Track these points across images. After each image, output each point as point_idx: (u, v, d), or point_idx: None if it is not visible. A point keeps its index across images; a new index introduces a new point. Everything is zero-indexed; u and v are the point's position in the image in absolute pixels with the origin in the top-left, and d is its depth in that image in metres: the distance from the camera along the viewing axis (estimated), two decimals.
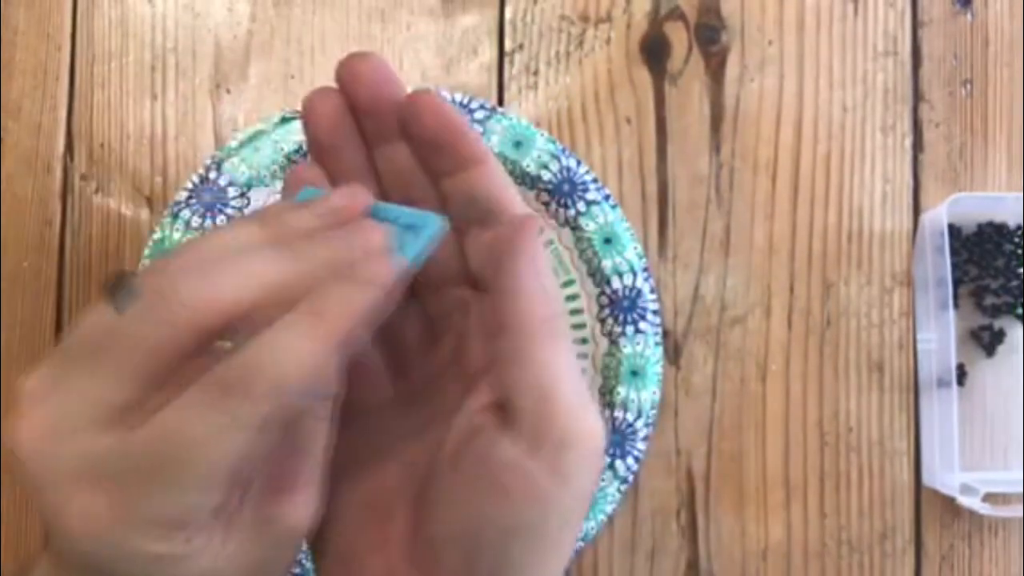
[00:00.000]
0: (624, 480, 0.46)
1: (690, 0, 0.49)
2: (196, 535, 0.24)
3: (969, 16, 0.49)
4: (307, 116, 0.28)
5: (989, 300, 0.48)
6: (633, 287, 0.46)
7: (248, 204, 0.45)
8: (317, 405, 0.27)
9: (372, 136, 0.29)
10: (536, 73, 0.48)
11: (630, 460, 0.46)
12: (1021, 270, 0.48)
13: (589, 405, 0.25)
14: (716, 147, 0.48)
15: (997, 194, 0.48)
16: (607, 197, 0.46)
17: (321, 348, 0.24)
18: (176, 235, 0.45)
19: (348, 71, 0.28)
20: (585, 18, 0.49)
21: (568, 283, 0.47)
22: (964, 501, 0.45)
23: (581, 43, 0.48)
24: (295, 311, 0.24)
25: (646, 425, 0.46)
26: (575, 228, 0.46)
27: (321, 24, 0.48)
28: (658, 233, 0.48)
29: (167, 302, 0.23)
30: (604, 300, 0.46)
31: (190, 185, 0.45)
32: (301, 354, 0.24)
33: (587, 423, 0.25)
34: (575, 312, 0.47)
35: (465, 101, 0.46)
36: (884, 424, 0.48)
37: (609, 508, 0.46)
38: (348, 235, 0.26)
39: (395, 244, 0.26)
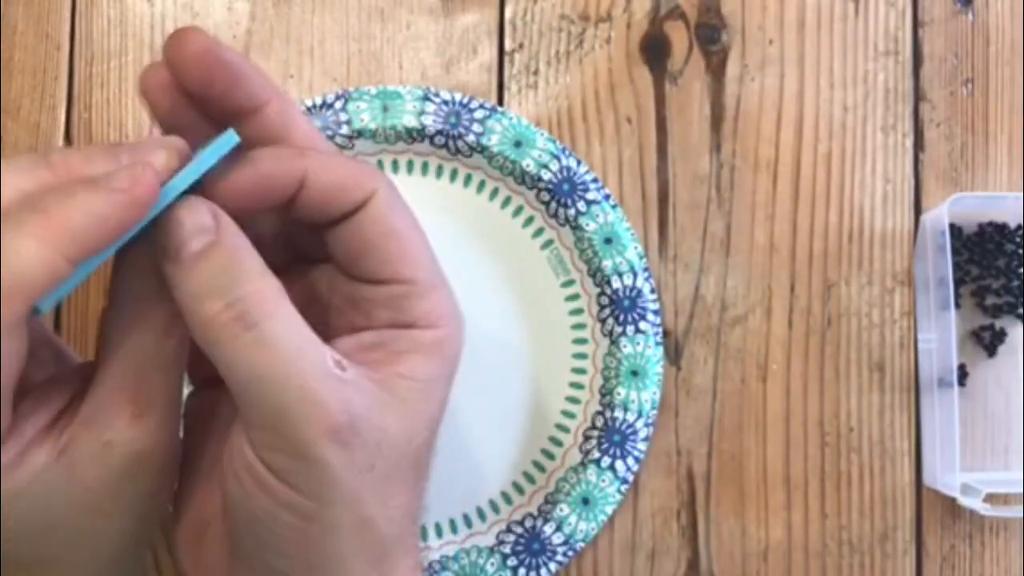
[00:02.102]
0: (624, 480, 0.46)
1: None
2: None
3: (970, 16, 0.49)
4: (143, 97, 0.28)
5: (990, 300, 0.48)
6: (633, 287, 0.46)
7: None
8: (160, 322, 0.26)
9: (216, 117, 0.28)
10: (536, 73, 0.48)
11: (630, 460, 0.46)
12: (1022, 270, 0.48)
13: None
14: (717, 147, 0.48)
15: (998, 194, 0.48)
16: (607, 197, 0.46)
17: (49, 249, 0.23)
18: None
19: (171, 53, 0.27)
20: (585, 17, 0.48)
21: (568, 283, 0.47)
22: (965, 502, 0.45)
23: (581, 43, 0.48)
24: (21, 210, 0.23)
25: (646, 425, 0.46)
26: (575, 228, 0.46)
27: (321, 24, 0.48)
28: (658, 233, 0.48)
29: None
30: (604, 300, 0.46)
31: None
32: (25, 253, 0.23)
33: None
34: (575, 312, 0.47)
35: (465, 101, 0.46)
36: (885, 424, 0.47)
37: (609, 509, 0.46)
38: (117, 153, 0.26)
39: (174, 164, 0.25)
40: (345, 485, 0.25)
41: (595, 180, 0.46)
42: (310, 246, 0.30)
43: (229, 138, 0.26)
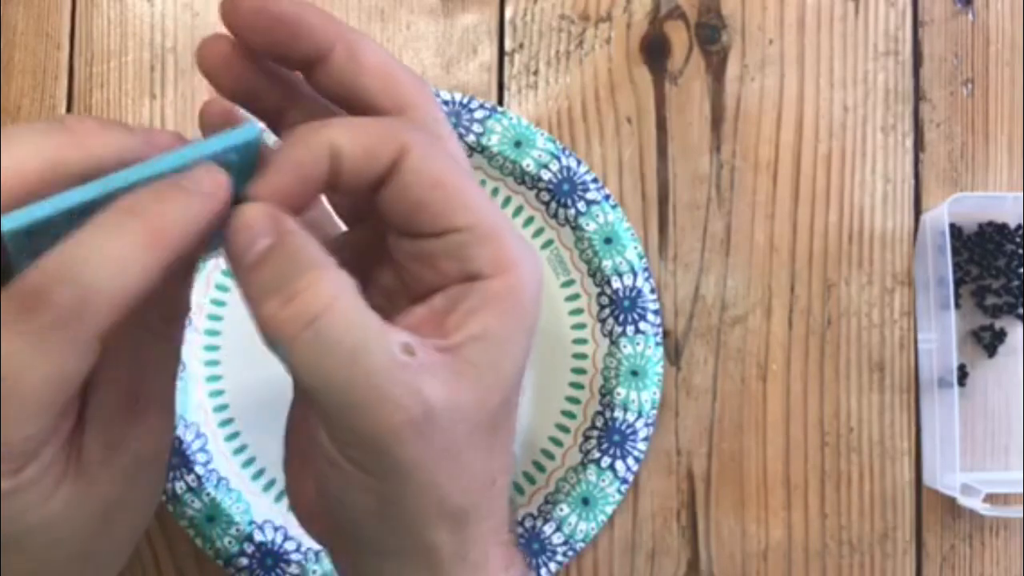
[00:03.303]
0: (624, 481, 0.46)
1: None
2: (26, 467, 0.23)
3: (970, 16, 0.49)
4: (203, 74, 0.27)
5: (990, 300, 0.48)
6: (633, 287, 0.46)
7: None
8: (158, 324, 0.26)
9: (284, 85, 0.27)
10: (536, 73, 0.48)
11: (630, 460, 0.46)
12: (1022, 270, 0.48)
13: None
14: (717, 147, 0.48)
15: (998, 194, 0.48)
16: (607, 197, 0.46)
17: (143, 253, 0.22)
18: None
19: (228, 19, 0.26)
20: (585, 17, 0.48)
21: (568, 283, 0.47)
22: (965, 502, 0.45)
23: (581, 43, 0.48)
24: (110, 210, 0.23)
25: (646, 425, 0.46)
26: (575, 228, 0.46)
27: None
28: (658, 233, 0.48)
29: None
30: (604, 300, 0.46)
31: None
32: (118, 257, 0.22)
33: None
34: (575, 312, 0.47)
35: (465, 101, 0.46)
36: (885, 424, 0.47)
37: (609, 509, 0.45)
38: (129, 129, 0.25)
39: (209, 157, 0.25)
40: (422, 471, 0.25)
41: (595, 180, 0.46)
42: (372, 214, 0.28)
43: (249, 129, 0.25)
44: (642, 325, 0.46)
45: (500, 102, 0.48)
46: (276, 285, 0.24)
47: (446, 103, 0.46)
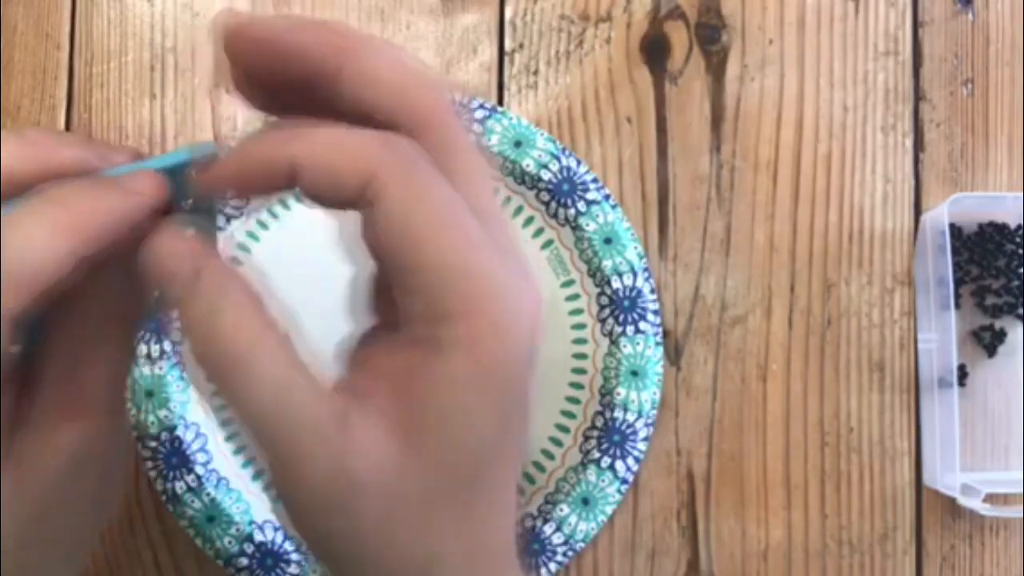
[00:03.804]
0: (624, 481, 0.46)
1: None
2: None
3: (970, 16, 0.49)
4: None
5: (990, 300, 0.48)
6: (633, 287, 0.46)
7: (247, 204, 0.45)
8: (105, 325, 0.25)
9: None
10: (536, 73, 0.48)
11: (630, 460, 0.46)
12: (1022, 270, 0.48)
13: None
14: (717, 146, 0.48)
15: (998, 194, 0.48)
16: (607, 197, 0.46)
17: (57, 239, 0.22)
18: None
19: (224, 48, 0.25)
20: (585, 17, 0.48)
21: (568, 283, 0.47)
22: (965, 502, 0.45)
23: (581, 43, 0.48)
24: (35, 197, 0.23)
25: (646, 425, 0.46)
26: (575, 228, 0.46)
27: None
28: (658, 233, 0.48)
29: None
30: (604, 300, 0.46)
31: None
32: (30, 240, 0.22)
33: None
34: (575, 312, 0.47)
35: (465, 101, 0.46)
36: (885, 424, 0.47)
37: (609, 509, 0.45)
38: (89, 143, 0.25)
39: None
40: (362, 541, 0.23)
41: (595, 180, 0.46)
42: None
43: (206, 145, 0.25)
44: (642, 325, 0.46)
45: (500, 102, 0.48)
46: (200, 328, 0.23)
47: None
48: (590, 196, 0.46)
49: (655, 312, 0.46)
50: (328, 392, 0.23)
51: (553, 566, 0.45)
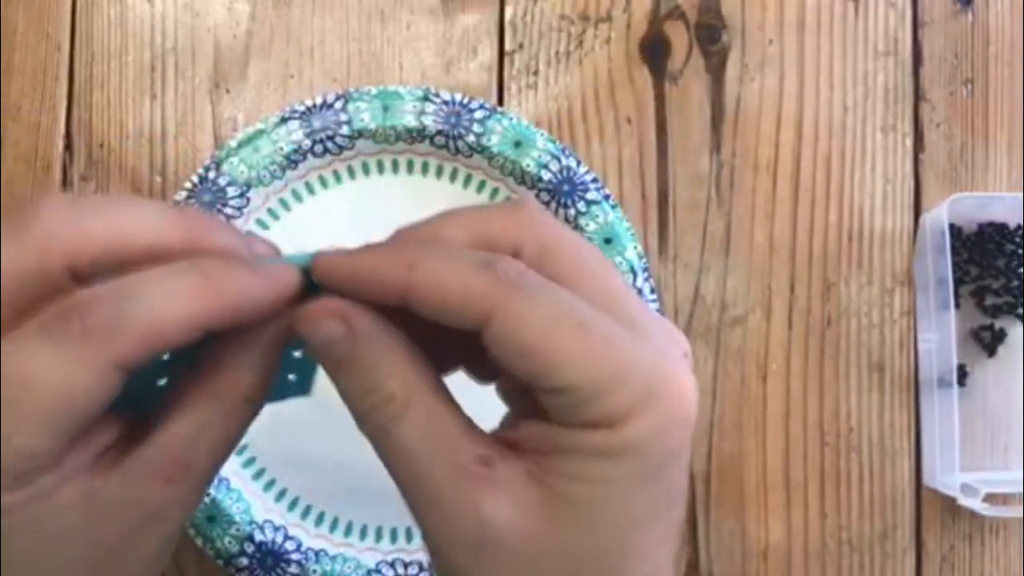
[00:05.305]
0: None
1: None
2: (26, 484, 0.23)
3: (970, 16, 0.49)
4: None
5: (990, 300, 0.48)
6: (633, 287, 0.46)
7: (247, 204, 0.45)
8: (233, 401, 0.26)
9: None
10: (536, 73, 0.48)
11: None
12: (1022, 270, 0.48)
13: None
14: (716, 147, 0.48)
15: (998, 194, 0.48)
16: (607, 197, 0.46)
17: (190, 302, 0.22)
18: None
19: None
20: (585, 18, 0.48)
21: None
22: (965, 501, 0.45)
23: (581, 43, 0.48)
24: (182, 262, 0.23)
25: None
26: (575, 228, 0.46)
27: (321, 24, 0.48)
28: (658, 233, 0.48)
29: (35, 228, 0.22)
30: None
31: (189, 185, 0.45)
32: (165, 297, 0.22)
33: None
34: None
35: (465, 101, 0.46)
36: (884, 424, 0.47)
37: None
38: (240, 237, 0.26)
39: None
40: None
41: (595, 180, 0.46)
42: None
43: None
44: None
45: (500, 102, 0.48)
46: (357, 390, 0.24)
47: (446, 103, 0.46)
48: (590, 196, 0.46)
49: (655, 312, 0.46)
50: (478, 436, 0.24)
51: None
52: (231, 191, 0.45)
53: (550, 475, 0.23)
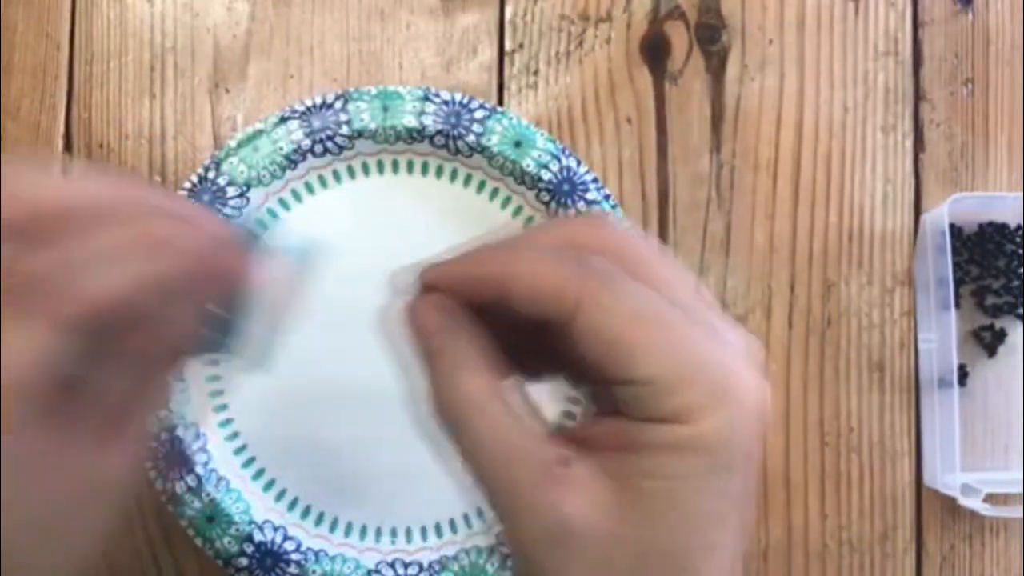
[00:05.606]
0: None
1: None
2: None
3: (970, 16, 0.49)
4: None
5: (990, 300, 0.48)
6: None
7: (247, 204, 0.45)
8: (164, 355, 0.26)
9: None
10: (536, 73, 0.48)
11: None
12: (1022, 270, 0.48)
13: None
14: (716, 147, 0.48)
15: (998, 194, 0.48)
16: (607, 197, 0.46)
17: (148, 271, 0.23)
18: None
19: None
20: (585, 17, 0.48)
21: None
22: (965, 502, 0.45)
23: (581, 43, 0.48)
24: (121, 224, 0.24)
25: None
26: None
27: (321, 23, 0.48)
28: (658, 233, 0.48)
29: None
30: None
31: (189, 185, 0.45)
32: (125, 270, 0.23)
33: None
34: None
35: (465, 101, 0.46)
36: (885, 424, 0.47)
37: None
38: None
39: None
40: None
41: (595, 180, 0.46)
42: None
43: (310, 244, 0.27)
44: None
45: (500, 102, 0.48)
46: (438, 386, 0.25)
47: (446, 103, 0.46)
48: (590, 196, 0.46)
49: None
50: (554, 435, 0.25)
51: None
52: (231, 191, 0.45)
53: (625, 471, 0.24)
